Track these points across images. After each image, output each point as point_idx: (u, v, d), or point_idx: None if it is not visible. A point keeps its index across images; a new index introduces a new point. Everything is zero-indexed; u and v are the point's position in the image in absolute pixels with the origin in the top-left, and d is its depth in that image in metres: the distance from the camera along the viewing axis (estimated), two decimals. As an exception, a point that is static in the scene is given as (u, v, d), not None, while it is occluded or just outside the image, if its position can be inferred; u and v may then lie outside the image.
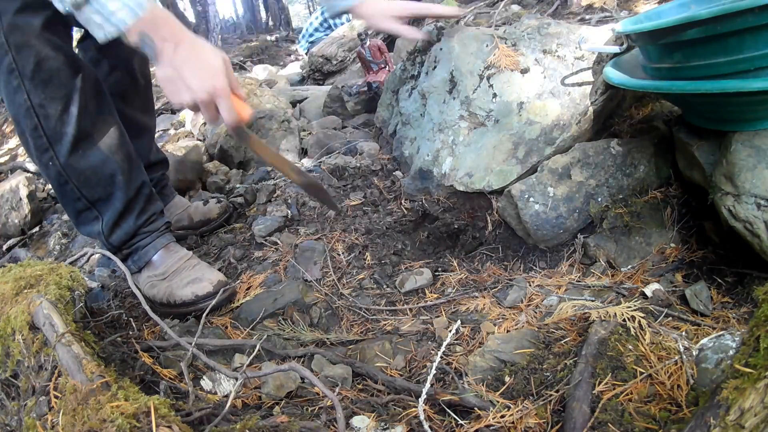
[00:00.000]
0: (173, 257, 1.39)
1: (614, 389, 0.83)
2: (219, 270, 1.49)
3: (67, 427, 0.70)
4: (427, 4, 1.61)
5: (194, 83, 1.03)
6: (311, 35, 5.26)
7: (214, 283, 1.33)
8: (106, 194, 1.32)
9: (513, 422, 0.84)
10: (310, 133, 2.47)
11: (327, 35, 4.88)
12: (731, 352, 0.83)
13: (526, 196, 1.35)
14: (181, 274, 1.36)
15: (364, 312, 1.32)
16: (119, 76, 1.58)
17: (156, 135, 2.13)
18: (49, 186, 2.85)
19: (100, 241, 1.40)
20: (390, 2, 1.56)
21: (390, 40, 3.32)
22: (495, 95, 1.47)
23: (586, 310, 1.04)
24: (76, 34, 1.48)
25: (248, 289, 1.44)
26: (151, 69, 1.66)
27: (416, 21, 3.84)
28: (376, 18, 1.54)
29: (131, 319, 1.23)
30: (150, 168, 1.70)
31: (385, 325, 1.25)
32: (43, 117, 1.21)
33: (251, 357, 1.03)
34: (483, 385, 0.95)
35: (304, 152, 2.35)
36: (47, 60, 1.17)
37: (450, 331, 1.11)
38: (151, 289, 1.37)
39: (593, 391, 0.83)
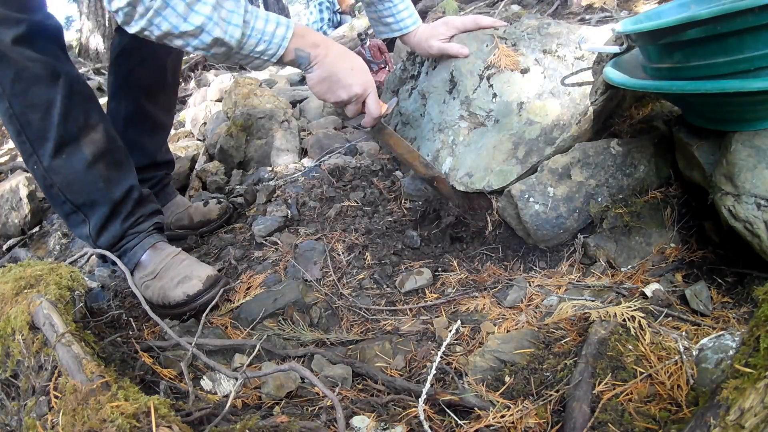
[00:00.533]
0: (160, 255, 1.39)
1: (614, 389, 0.83)
2: (219, 270, 1.49)
3: (67, 427, 0.70)
4: (474, 17, 1.57)
5: (351, 81, 1.19)
6: None
7: (203, 279, 1.32)
8: (90, 200, 1.34)
9: (513, 422, 0.84)
10: (310, 133, 2.47)
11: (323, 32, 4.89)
12: (731, 352, 0.83)
13: (526, 196, 1.35)
14: (171, 271, 1.36)
15: (364, 312, 1.32)
16: (149, 70, 1.59)
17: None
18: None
19: (88, 244, 1.40)
20: (434, 26, 1.58)
21: (390, 40, 3.32)
22: (495, 95, 1.47)
23: (586, 310, 1.04)
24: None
25: (248, 289, 1.44)
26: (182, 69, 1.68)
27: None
28: (422, 45, 1.57)
29: (131, 319, 1.23)
30: (155, 167, 1.70)
31: (385, 325, 1.25)
32: (25, 123, 1.25)
33: (251, 357, 1.03)
34: (483, 385, 0.95)
35: (304, 152, 2.35)
36: (24, 70, 1.21)
37: (450, 331, 1.11)
38: (146, 291, 1.37)
39: (593, 391, 0.83)
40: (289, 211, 1.77)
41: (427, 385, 0.91)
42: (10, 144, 4.51)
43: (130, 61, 1.57)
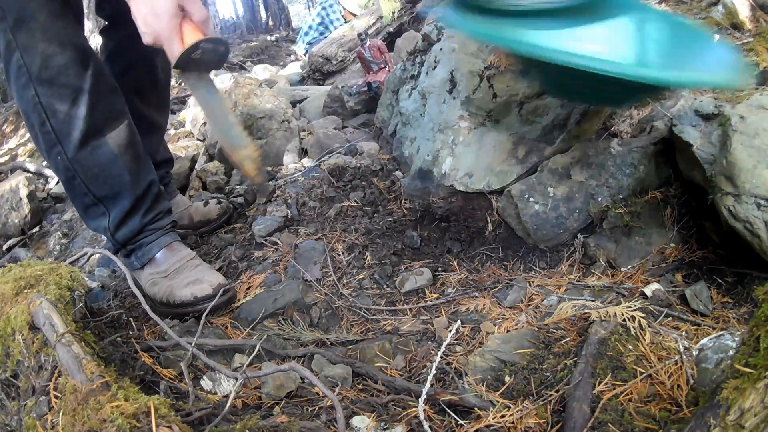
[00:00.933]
0: (176, 256, 1.40)
1: (614, 389, 0.83)
2: (219, 270, 1.49)
3: (67, 427, 0.70)
4: None
5: (144, 30, 1.09)
6: (306, 34, 5.31)
7: (214, 285, 1.33)
8: (113, 192, 1.33)
9: (513, 422, 0.84)
10: (310, 133, 2.47)
11: (323, 36, 4.90)
12: (731, 352, 0.83)
13: (526, 196, 1.35)
14: (183, 273, 1.37)
15: (364, 312, 1.32)
16: (138, 72, 1.57)
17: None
18: (50, 186, 2.85)
19: (105, 237, 1.40)
20: None
21: (390, 40, 3.32)
22: (495, 95, 1.47)
23: (586, 310, 1.04)
24: (93, 23, 1.45)
25: (248, 289, 1.44)
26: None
27: (415, 21, 3.84)
28: None
29: (131, 319, 1.23)
30: (155, 167, 1.70)
31: (385, 325, 1.25)
32: (51, 113, 1.22)
33: (251, 357, 1.03)
34: (483, 385, 0.95)
35: (304, 152, 2.35)
36: (53, 57, 1.17)
37: (450, 331, 1.11)
38: (153, 287, 1.37)
39: (593, 391, 0.83)
40: (289, 211, 1.77)
41: (427, 385, 0.91)
42: (11, 144, 4.51)
43: (119, 64, 1.55)
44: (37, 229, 2.36)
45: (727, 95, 1.30)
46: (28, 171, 2.90)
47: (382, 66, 2.71)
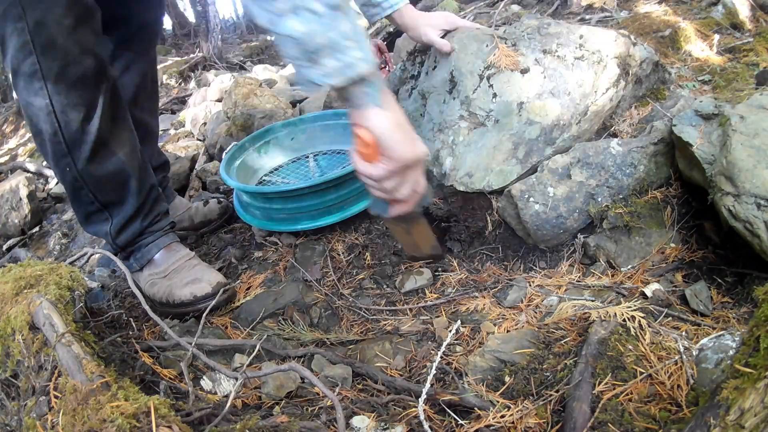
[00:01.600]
0: (175, 256, 1.40)
1: (614, 389, 0.83)
2: (219, 270, 1.49)
3: (67, 427, 0.70)
4: (467, 21, 1.60)
5: (414, 135, 0.98)
6: None
7: (213, 284, 1.33)
8: (120, 198, 1.33)
9: (513, 422, 0.84)
10: (310, 133, 2.47)
11: None
12: (731, 352, 0.83)
13: (526, 196, 1.35)
14: (181, 273, 1.37)
15: (364, 312, 1.32)
16: (133, 76, 1.55)
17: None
18: (50, 186, 2.85)
19: (106, 241, 1.40)
20: (431, 15, 1.53)
21: (390, 40, 3.32)
22: (495, 95, 1.47)
23: (586, 310, 1.04)
24: None
25: (248, 289, 1.44)
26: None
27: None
28: (415, 29, 1.48)
29: (131, 319, 1.23)
30: (152, 171, 1.70)
31: (385, 325, 1.25)
32: (64, 123, 1.18)
33: (251, 357, 1.03)
34: (483, 385, 0.95)
35: (304, 152, 2.34)
36: (74, 64, 1.13)
37: (450, 331, 1.11)
38: (152, 288, 1.37)
39: (593, 391, 0.83)
40: (289, 211, 1.76)
41: (427, 385, 0.91)
42: (11, 144, 4.51)
43: (115, 70, 1.54)
44: (37, 229, 2.36)
45: (727, 95, 1.30)
46: (28, 171, 2.90)
47: (382, 66, 2.71)
